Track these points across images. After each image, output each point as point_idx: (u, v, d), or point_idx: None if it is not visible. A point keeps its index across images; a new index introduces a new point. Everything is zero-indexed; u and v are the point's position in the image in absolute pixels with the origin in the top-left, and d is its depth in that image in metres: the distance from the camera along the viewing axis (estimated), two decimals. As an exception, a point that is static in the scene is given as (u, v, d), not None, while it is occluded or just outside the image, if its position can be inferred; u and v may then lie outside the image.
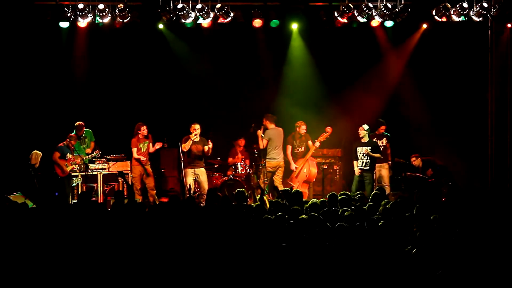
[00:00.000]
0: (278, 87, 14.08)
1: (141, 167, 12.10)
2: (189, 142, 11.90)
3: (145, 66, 13.77)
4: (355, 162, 12.01)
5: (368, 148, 11.83)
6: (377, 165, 12.31)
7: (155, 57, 13.78)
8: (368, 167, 11.86)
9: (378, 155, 11.99)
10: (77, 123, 12.36)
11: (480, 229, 6.62)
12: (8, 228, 6.80)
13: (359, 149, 11.92)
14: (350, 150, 12.29)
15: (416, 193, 10.73)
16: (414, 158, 12.54)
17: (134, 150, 12.09)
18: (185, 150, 11.89)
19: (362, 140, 11.94)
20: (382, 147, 12.54)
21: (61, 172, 11.81)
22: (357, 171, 11.96)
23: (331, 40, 13.62)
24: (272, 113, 13.01)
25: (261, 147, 12.31)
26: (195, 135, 11.88)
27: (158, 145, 12.32)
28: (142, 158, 12.05)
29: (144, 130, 12.10)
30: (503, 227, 6.75)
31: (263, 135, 12.23)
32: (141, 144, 12.12)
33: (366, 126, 11.98)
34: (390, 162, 12.66)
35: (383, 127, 12.66)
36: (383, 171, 12.43)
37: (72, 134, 12.06)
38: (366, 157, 11.80)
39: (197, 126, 11.92)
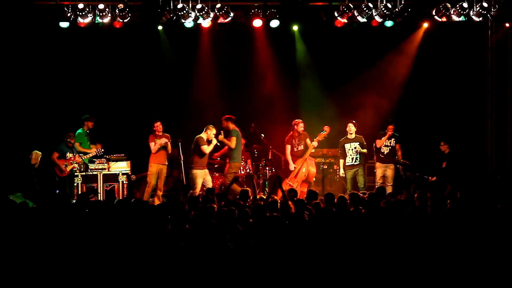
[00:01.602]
0: (278, 87, 14.08)
1: (157, 166, 12.05)
2: (212, 146, 11.88)
3: (145, 66, 13.78)
4: (342, 161, 12.14)
5: (357, 144, 11.98)
6: (383, 164, 12.32)
7: (155, 57, 13.79)
8: (357, 162, 12.03)
9: (365, 150, 12.08)
10: (88, 115, 12.36)
11: (481, 229, 6.61)
12: (7, 228, 6.80)
13: (347, 146, 12.10)
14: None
15: (416, 193, 10.65)
16: (443, 143, 12.44)
17: (152, 144, 12.03)
18: (207, 152, 11.83)
19: (350, 137, 12.04)
20: (390, 147, 12.49)
21: (60, 172, 11.80)
22: (341, 172, 12.20)
23: (332, 40, 13.63)
24: (272, 113, 12.99)
25: (232, 146, 12.12)
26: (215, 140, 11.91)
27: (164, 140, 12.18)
28: (165, 140, 11.93)
29: (158, 126, 12.06)
30: (504, 227, 6.75)
31: (231, 135, 12.13)
32: (157, 139, 12.05)
33: (353, 122, 12.11)
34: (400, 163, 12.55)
35: (390, 127, 12.54)
36: (388, 171, 12.34)
37: (71, 133, 12.02)
38: (355, 153, 11.91)
39: (214, 131, 11.91)
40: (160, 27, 12.90)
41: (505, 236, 6.35)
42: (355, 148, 12.00)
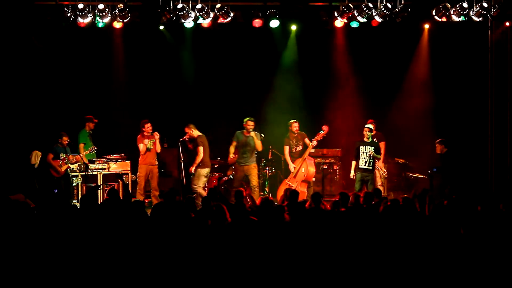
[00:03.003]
0: (278, 87, 14.07)
1: (147, 166, 12.09)
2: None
3: (145, 66, 13.79)
4: (354, 162, 11.92)
5: (372, 148, 11.74)
6: None
7: (155, 57, 13.81)
8: (371, 167, 11.75)
9: (379, 156, 11.95)
10: (89, 116, 12.36)
11: (481, 229, 6.61)
12: (8, 227, 6.80)
13: (362, 148, 11.77)
14: (349, 150, 12.23)
15: (415, 193, 10.64)
16: (437, 145, 12.17)
17: (141, 146, 12.05)
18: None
19: (366, 140, 11.86)
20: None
21: (55, 173, 11.80)
22: (352, 174, 11.90)
23: (332, 41, 13.63)
24: (271, 113, 12.98)
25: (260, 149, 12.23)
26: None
27: (156, 136, 12.13)
28: (148, 141, 11.97)
29: (148, 127, 12.07)
30: (504, 228, 6.74)
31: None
32: (147, 141, 12.08)
33: (371, 126, 11.95)
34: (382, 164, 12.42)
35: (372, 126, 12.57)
36: (376, 172, 12.20)
37: (63, 132, 12.01)
38: (369, 157, 11.74)
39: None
40: (161, 27, 12.86)
41: (506, 237, 6.35)
42: (369, 152, 11.78)
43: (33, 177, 11.82)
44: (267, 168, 13.21)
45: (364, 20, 11.97)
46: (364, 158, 11.76)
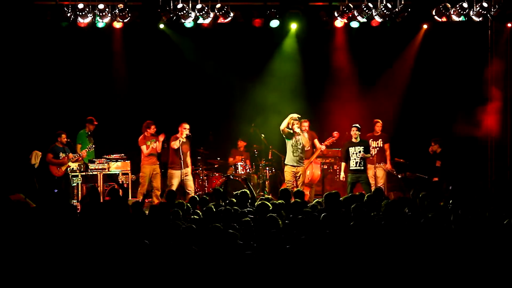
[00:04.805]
0: (278, 87, 14.07)
1: (151, 166, 12.08)
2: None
3: (145, 66, 13.80)
4: (343, 164, 11.80)
5: (362, 148, 11.63)
6: (371, 165, 12.22)
7: (155, 57, 13.81)
8: (362, 167, 11.62)
9: (369, 155, 11.87)
10: (90, 117, 12.38)
11: (481, 229, 6.60)
12: (8, 227, 6.80)
13: (351, 149, 11.64)
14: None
15: (413, 192, 10.59)
16: (433, 143, 12.24)
17: (144, 147, 12.07)
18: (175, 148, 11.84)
19: (354, 140, 11.74)
20: (378, 148, 12.44)
21: (55, 173, 11.80)
22: (342, 175, 11.79)
23: (333, 41, 13.64)
24: (273, 113, 13.00)
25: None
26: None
27: (161, 137, 12.16)
28: (155, 145, 12.01)
29: (153, 129, 12.09)
30: (504, 227, 6.74)
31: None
32: (149, 142, 12.09)
33: (358, 125, 11.89)
34: (387, 164, 12.43)
35: (378, 125, 12.54)
36: (378, 171, 12.26)
37: (60, 131, 12.02)
38: (359, 157, 11.64)
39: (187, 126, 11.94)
40: (161, 26, 12.84)
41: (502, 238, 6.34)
42: (359, 152, 11.68)
43: (33, 177, 11.82)
44: (267, 168, 13.20)
45: (364, 20, 11.97)
46: (355, 159, 11.62)
